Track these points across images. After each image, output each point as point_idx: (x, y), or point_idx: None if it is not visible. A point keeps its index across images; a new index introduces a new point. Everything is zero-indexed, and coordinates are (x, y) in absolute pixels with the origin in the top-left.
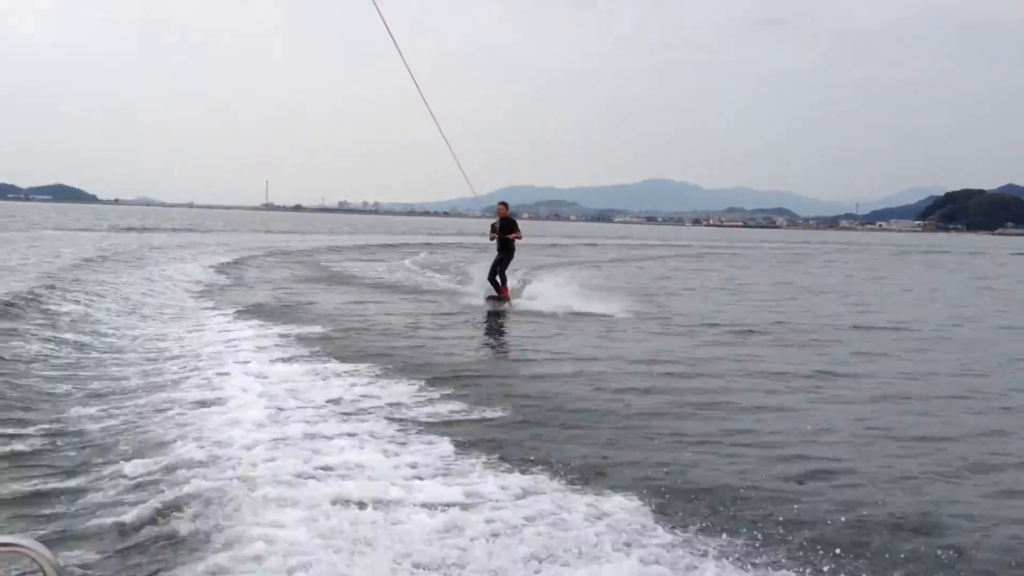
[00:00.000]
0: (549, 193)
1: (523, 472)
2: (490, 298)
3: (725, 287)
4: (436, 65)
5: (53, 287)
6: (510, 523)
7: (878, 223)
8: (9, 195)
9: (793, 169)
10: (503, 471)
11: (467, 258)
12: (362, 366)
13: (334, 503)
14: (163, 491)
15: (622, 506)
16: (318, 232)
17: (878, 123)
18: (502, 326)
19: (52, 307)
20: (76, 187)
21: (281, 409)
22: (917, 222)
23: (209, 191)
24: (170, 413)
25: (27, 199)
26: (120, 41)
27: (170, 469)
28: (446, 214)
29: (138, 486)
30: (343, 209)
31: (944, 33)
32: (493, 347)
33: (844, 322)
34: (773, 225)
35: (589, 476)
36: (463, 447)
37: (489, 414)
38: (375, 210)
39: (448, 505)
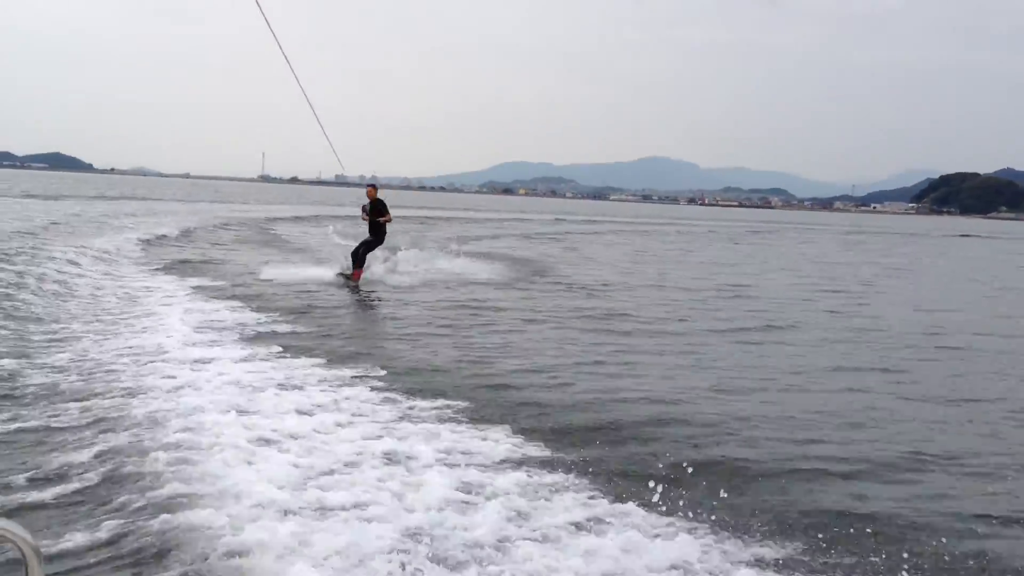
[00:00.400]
0: (545, 169)
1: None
2: (339, 275)
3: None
4: (438, 42)
5: None
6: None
7: (872, 205)
8: (5, 162)
9: (792, 150)
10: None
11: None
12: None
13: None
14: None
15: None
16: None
17: (879, 104)
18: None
19: None
20: (73, 156)
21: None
22: (911, 204)
23: (207, 162)
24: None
25: (23, 166)
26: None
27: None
28: (442, 188)
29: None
30: (339, 182)
31: (951, 15)
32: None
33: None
34: (768, 205)
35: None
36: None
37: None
38: (371, 183)
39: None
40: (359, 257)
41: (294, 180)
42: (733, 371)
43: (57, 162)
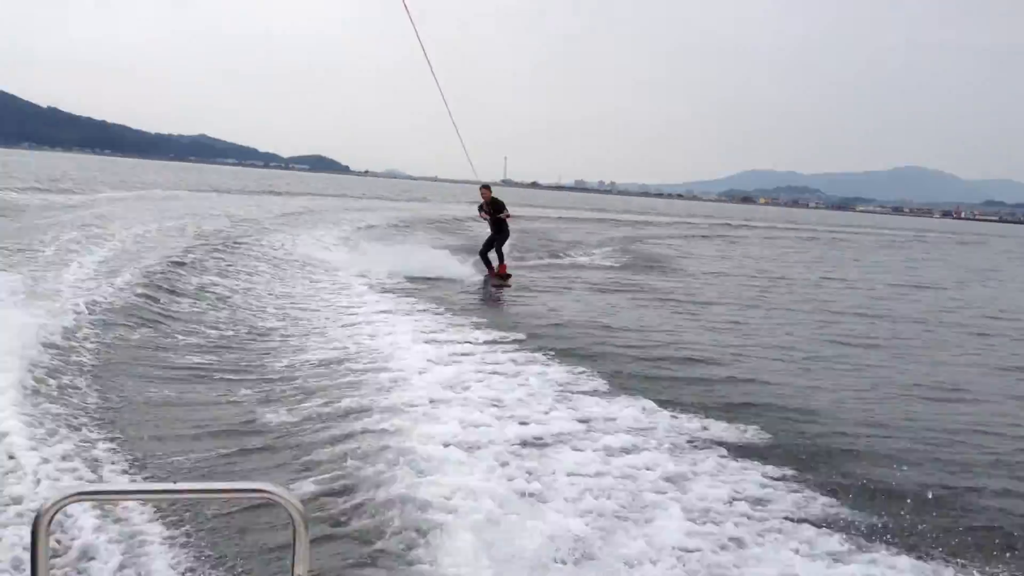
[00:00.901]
0: (790, 178)
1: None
2: (492, 275)
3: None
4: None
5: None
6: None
7: None
8: (272, 163)
9: None
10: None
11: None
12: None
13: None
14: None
15: None
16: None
17: None
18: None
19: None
20: (332, 159)
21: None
22: None
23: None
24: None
25: (287, 168)
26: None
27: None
28: (680, 196)
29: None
30: (578, 188)
31: None
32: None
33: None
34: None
35: None
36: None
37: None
38: (609, 190)
39: None
40: (498, 253)
41: (534, 185)
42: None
43: (318, 164)
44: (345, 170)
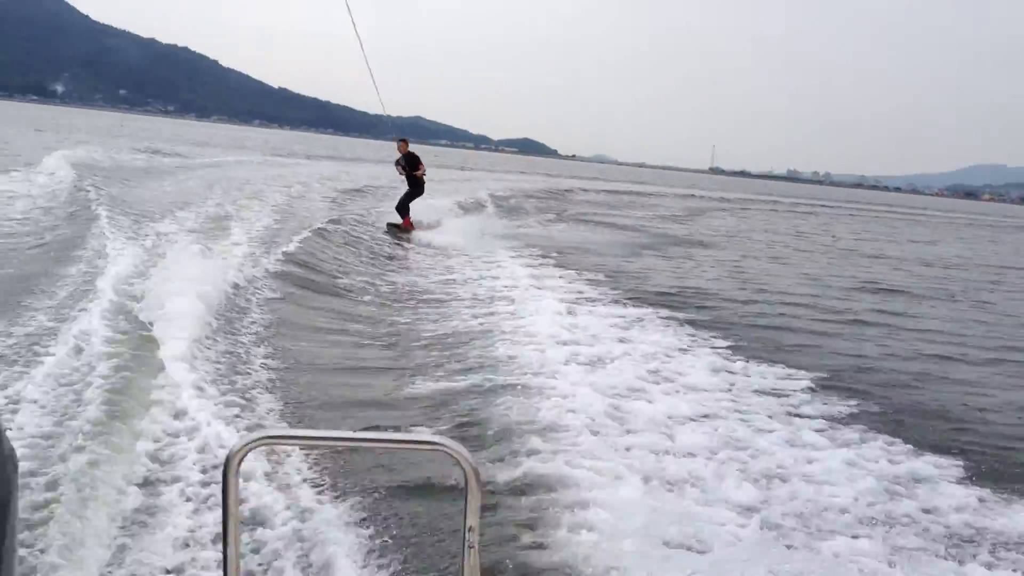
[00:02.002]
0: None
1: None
2: (390, 225)
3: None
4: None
5: None
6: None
7: None
8: (482, 145)
9: None
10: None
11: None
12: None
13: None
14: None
15: None
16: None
17: None
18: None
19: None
20: (540, 142)
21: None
22: None
23: (662, 153)
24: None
25: (497, 150)
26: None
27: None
28: (898, 189)
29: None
30: (791, 178)
31: None
32: None
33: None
34: None
35: None
36: None
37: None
38: (822, 181)
39: None
40: (405, 209)
41: (743, 173)
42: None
43: (526, 147)
44: (553, 153)
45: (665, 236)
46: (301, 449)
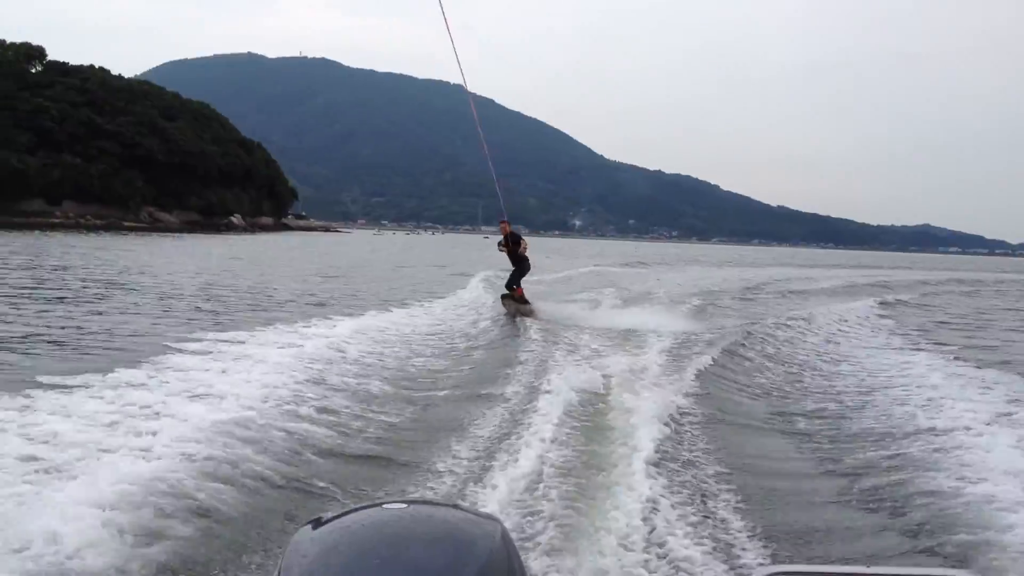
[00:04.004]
0: None
1: None
2: (504, 297)
3: None
4: None
5: None
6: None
7: None
8: (998, 250)
9: None
10: None
11: None
12: None
13: None
14: None
15: None
16: None
17: None
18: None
19: None
20: None
21: None
22: None
23: None
24: None
25: (1014, 255)
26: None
27: None
28: None
29: None
30: None
31: None
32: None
33: None
34: None
35: None
36: None
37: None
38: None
39: None
40: (512, 285)
41: None
42: None
43: None
44: None
45: None
46: None
